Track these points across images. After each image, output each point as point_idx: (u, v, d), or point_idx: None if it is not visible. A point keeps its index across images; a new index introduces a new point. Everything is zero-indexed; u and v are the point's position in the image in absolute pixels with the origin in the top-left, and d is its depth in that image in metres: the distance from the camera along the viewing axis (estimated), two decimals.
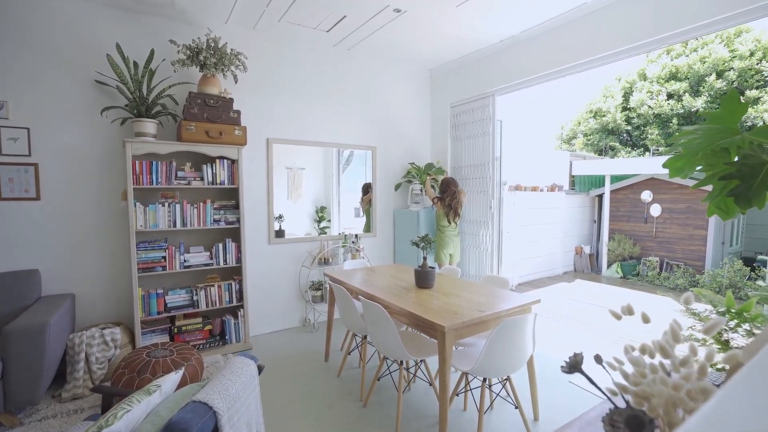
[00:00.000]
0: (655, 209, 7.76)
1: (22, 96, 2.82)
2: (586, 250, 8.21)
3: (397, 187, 4.68)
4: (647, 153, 11.18)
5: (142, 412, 1.25)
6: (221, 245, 3.33)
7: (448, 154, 4.68)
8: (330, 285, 3.02)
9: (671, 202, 7.60)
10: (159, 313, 3.10)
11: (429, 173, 4.44)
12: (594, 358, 0.60)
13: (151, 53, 3.01)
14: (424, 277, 2.61)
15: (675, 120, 10.47)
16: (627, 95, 11.72)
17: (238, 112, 3.30)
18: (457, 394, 2.34)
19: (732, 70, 9.48)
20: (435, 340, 2.02)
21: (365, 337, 2.70)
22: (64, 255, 3.00)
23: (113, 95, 3.09)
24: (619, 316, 0.73)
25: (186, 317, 3.26)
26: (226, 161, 3.30)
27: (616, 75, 12.18)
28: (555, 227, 7.69)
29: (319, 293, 3.95)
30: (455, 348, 2.35)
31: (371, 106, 4.45)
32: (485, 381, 2.09)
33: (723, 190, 0.88)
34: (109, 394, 1.65)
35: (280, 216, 3.90)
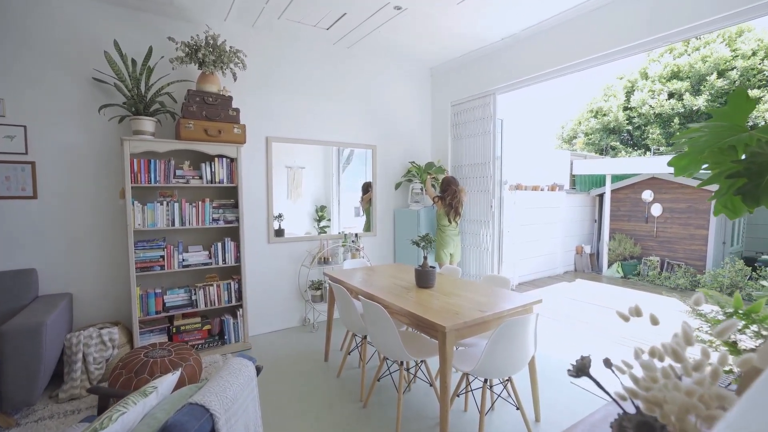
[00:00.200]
0: (656, 209, 7.73)
1: (18, 93, 2.80)
2: (586, 249, 8.19)
3: (398, 186, 4.66)
4: (648, 153, 11.15)
5: (137, 414, 1.23)
6: (220, 244, 3.31)
7: (448, 152, 4.66)
8: (330, 285, 3.00)
9: (672, 201, 7.57)
10: (157, 313, 3.08)
11: (429, 172, 4.41)
12: (603, 362, 0.58)
13: (150, 50, 2.98)
14: (424, 277, 2.59)
15: (676, 119, 10.44)
16: (629, 94, 11.68)
17: (237, 110, 3.28)
18: (458, 394, 2.32)
19: (735, 69, 9.44)
20: (435, 340, 2.00)
21: (365, 337, 2.68)
22: (61, 254, 2.98)
23: (111, 93, 3.06)
24: (627, 317, 0.70)
25: (185, 317, 3.24)
26: (225, 160, 3.28)
27: (617, 74, 12.14)
28: (555, 227, 7.66)
29: (319, 293, 3.93)
30: (456, 348, 2.33)
31: (371, 104, 4.42)
32: (486, 382, 2.07)
33: (730, 188, 0.86)
34: (106, 395, 1.63)
35: (279, 215, 3.88)
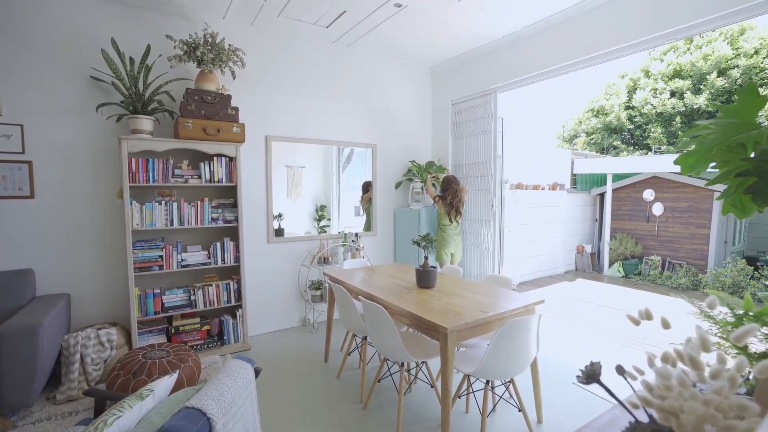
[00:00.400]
0: (657, 208, 7.71)
1: (15, 92, 2.77)
2: (587, 249, 8.16)
3: (398, 186, 4.63)
4: (649, 153, 11.12)
5: (133, 418, 1.21)
6: (219, 244, 3.29)
7: (449, 151, 4.63)
8: (329, 285, 2.97)
9: (673, 200, 7.54)
10: (156, 313, 3.05)
11: (430, 171, 4.38)
12: (615, 369, 0.55)
13: (148, 48, 2.95)
14: (425, 277, 2.56)
15: (678, 118, 10.40)
16: (631, 93, 11.64)
17: (236, 109, 3.25)
18: (459, 396, 2.29)
19: (737, 67, 9.40)
20: (437, 341, 1.97)
21: (365, 338, 2.66)
22: (59, 254, 2.95)
23: (109, 91, 3.03)
24: (638, 321, 0.68)
25: (183, 317, 3.22)
26: (224, 159, 3.25)
27: (620, 72, 12.10)
28: (556, 226, 7.63)
29: (319, 293, 3.90)
30: (457, 349, 2.31)
31: (371, 103, 4.39)
32: (488, 383, 2.04)
33: (739, 187, 0.83)
34: (102, 397, 1.60)
35: (279, 215, 3.85)
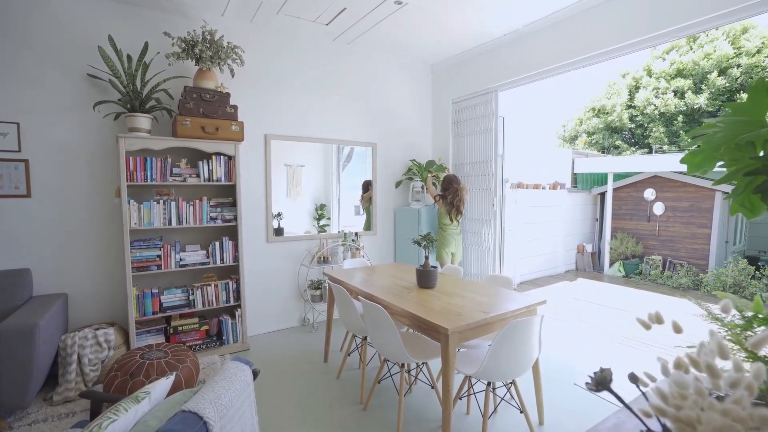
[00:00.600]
0: (658, 207, 7.68)
1: (10, 89, 2.74)
2: (588, 248, 8.14)
3: (398, 185, 4.60)
4: (650, 152, 11.09)
5: (129, 421, 1.18)
6: (218, 244, 3.26)
7: (449, 150, 4.60)
8: (329, 285, 2.95)
9: (674, 200, 7.52)
10: (154, 313, 3.03)
11: (430, 170, 4.36)
12: (628, 377, 0.53)
13: (145, 46, 2.92)
14: (426, 277, 2.54)
15: (680, 117, 10.37)
16: (632, 92, 11.60)
17: (235, 107, 3.22)
18: (460, 397, 2.27)
19: (739, 66, 9.37)
20: (437, 342, 1.95)
21: (365, 338, 2.63)
22: (56, 253, 2.93)
23: (106, 89, 3.00)
24: (649, 325, 0.66)
25: (182, 317, 3.20)
26: (222, 157, 3.22)
27: (621, 71, 12.05)
28: (557, 225, 7.61)
29: (319, 292, 3.88)
30: (458, 350, 2.28)
31: (371, 101, 4.36)
32: (489, 384, 2.02)
33: (748, 186, 0.81)
34: (98, 400, 1.58)
35: (278, 214, 3.82)
